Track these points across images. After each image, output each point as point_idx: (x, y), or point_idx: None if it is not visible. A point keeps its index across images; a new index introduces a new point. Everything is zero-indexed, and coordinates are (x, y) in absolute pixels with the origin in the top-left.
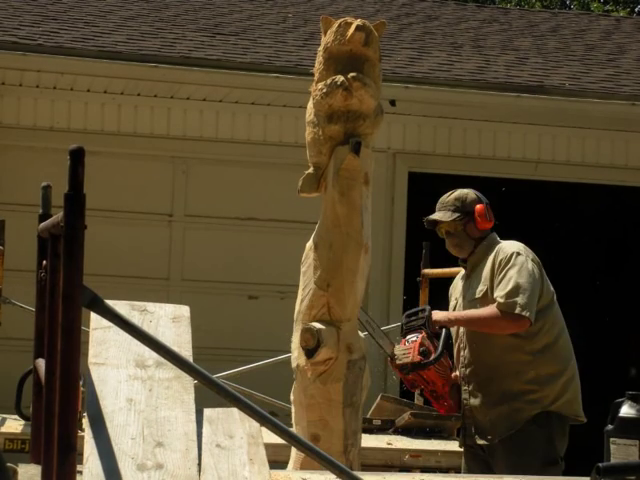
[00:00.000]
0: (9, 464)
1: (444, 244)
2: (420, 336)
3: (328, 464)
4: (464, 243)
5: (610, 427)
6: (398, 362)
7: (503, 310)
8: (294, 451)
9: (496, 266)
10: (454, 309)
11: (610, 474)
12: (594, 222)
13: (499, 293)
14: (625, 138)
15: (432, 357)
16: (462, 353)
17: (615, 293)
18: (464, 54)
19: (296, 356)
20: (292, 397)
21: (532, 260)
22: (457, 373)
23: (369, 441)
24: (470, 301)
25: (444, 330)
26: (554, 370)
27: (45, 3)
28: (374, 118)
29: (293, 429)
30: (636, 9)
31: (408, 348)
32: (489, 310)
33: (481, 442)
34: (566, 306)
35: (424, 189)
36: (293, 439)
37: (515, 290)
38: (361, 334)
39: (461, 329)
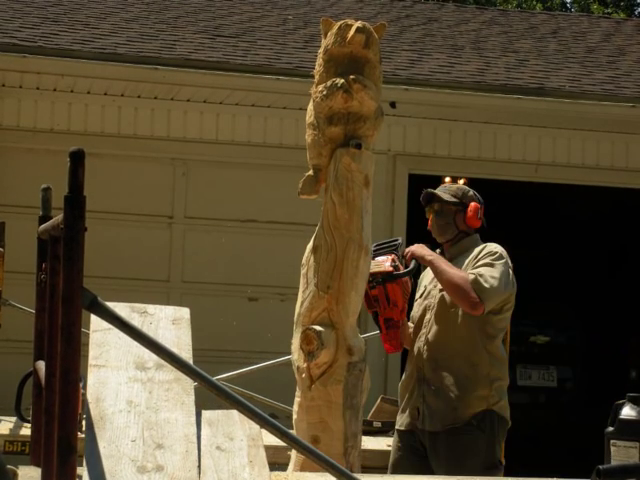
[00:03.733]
0: (9, 466)
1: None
2: (391, 257)
3: (328, 466)
4: (448, 228)
5: (610, 429)
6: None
7: (472, 284)
8: (294, 453)
9: (481, 255)
10: (422, 296)
11: (610, 476)
12: (594, 224)
13: (477, 270)
14: (625, 140)
15: (403, 271)
16: (423, 332)
17: (615, 295)
18: (464, 56)
19: (296, 358)
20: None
21: (511, 269)
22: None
23: (369, 443)
24: (441, 289)
25: (413, 261)
26: (502, 373)
27: (45, 5)
28: (374, 120)
29: (293, 431)
30: (636, 11)
31: (379, 262)
32: (462, 274)
33: (427, 428)
34: (567, 308)
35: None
36: (293, 441)
37: (492, 279)
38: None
39: (429, 312)
